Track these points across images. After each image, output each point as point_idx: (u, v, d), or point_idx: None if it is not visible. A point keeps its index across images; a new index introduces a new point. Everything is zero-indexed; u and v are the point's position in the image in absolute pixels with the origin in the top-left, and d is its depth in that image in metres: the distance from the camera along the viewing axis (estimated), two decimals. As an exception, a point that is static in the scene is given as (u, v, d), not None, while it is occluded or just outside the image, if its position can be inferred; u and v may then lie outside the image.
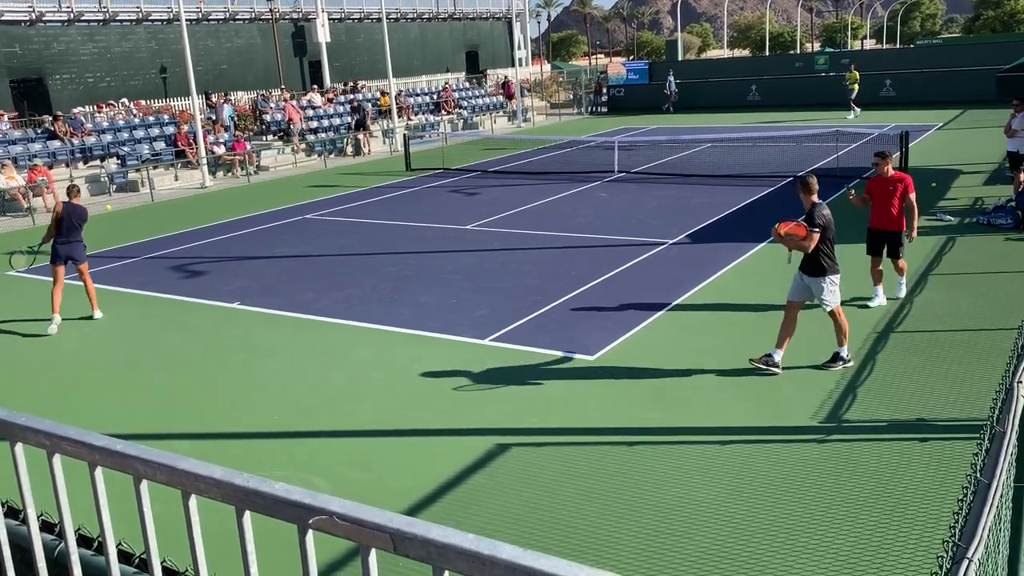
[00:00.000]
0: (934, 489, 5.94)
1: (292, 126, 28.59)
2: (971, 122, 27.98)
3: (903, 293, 10.33)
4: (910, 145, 18.68)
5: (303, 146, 28.45)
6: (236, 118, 29.01)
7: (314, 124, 30.07)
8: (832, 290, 8.24)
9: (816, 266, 8.17)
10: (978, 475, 2.56)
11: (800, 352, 8.79)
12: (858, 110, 31.83)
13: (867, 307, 10.03)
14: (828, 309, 8.23)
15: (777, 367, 8.16)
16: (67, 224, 10.95)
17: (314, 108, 31.36)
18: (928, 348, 8.65)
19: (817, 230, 7.98)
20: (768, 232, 8.65)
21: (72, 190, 11.36)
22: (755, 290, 11.00)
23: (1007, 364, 3.51)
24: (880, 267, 10.12)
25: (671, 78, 38.90)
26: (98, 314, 11.40)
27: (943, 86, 34.33)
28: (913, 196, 9.97)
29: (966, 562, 2.05)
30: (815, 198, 8.14)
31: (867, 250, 10.27)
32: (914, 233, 10.08)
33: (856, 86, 31.67)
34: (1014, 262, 11.66)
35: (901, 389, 7.69)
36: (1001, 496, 2.69)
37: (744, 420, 7.27)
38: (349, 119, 30.71)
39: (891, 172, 10.03)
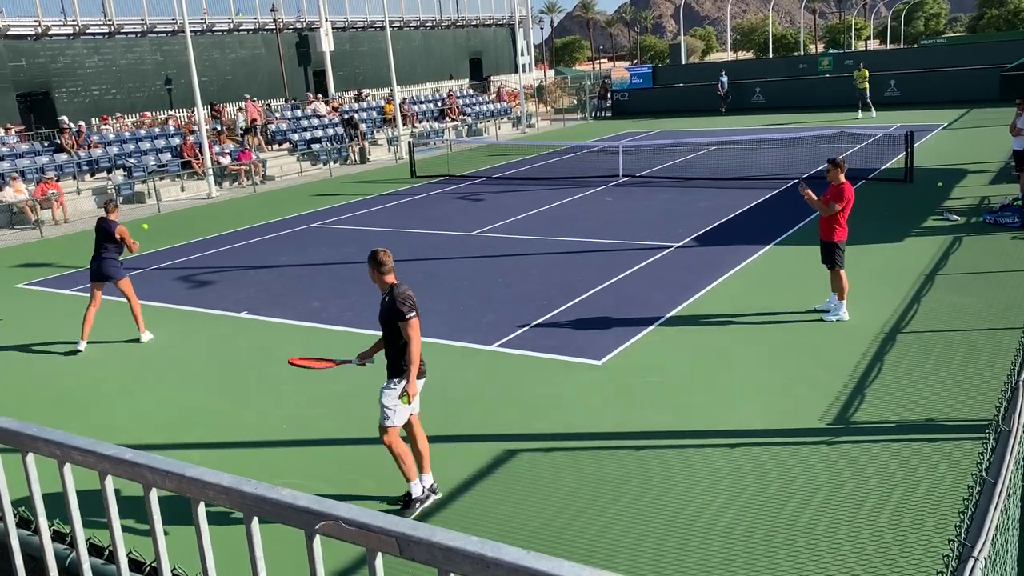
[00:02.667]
0: (944, 489, 5.93)
1: (255, 124, 28.70)
2: (976, 121, 27.92)
3: (839, 317, 9.62)
4: (915, 145, 18.64)
5: (270, 147, 28.69)
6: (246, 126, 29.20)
7: (319, 133, 30.17)
8: (398, 399, 6.04)
9: (395, 362, 6.13)
10: (984, 474, 2.57)
11: (804, 356, 8.78)
12: (863, 113, 31.68)
13: (822, 321, 9.62)
14: (384, 423, 6.01)
15: (424, 499, 6.25)
16: (96, 239, 10.84)
17: (319, 117, 31.47)
18: (936, 348, 8.63)
19: (414, 314, 5.99)
20: None
21: (107, 205, 10.98)
22: (761, 292, 10.99)
23: (1013, 363, 3.51)
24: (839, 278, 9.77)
25: (724, 78, 38.24)
26: (145, 336, 10.84)
27: (948, 86, 34.28)
28: (837, 206, 9.37)
29: (972, 561, 2.05)
30: (392, 277, 6.17)
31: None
32: (806, 190, 9.65)
33: (866, 84, 31.50)
34: (1021, 261, 11.62)
35: (909, 390, 7.67)
36: (1008, 495, 2.69)
37: (753, 423, 7.26)
38: (340, 130, 30.57)
39: (841, 180, 9.46)
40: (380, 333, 6.27)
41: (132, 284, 11.03)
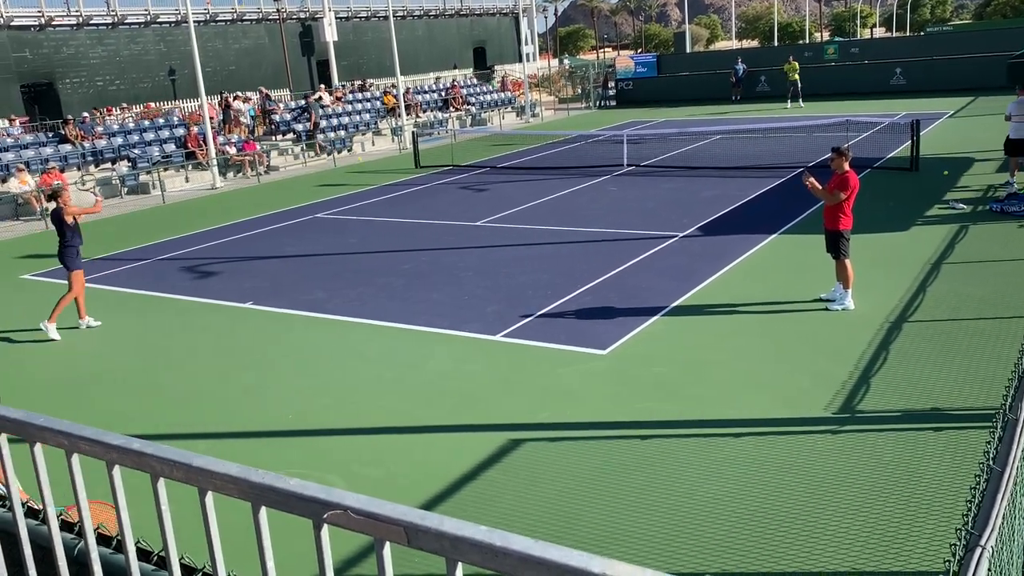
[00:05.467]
0: (949, 478, 5.93)
1: (212, 120, 28.53)
2: (983, 109, 27.77)
3: (844, 306, 9.58)
4: (921, 133, 18.55)
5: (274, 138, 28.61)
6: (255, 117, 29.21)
7: (323, 124, 30.14)
8: None
9: None
10: (991, 463, 2.56)
11: (809, 345, 8.77)
12: (792, 103, 32.38)
13: (827, 310, 9.60)
14: None
15: None
16: (56, 229, 10.79)
17: (323, 107, 31.42)
18: (941, 337, 8.61)
19: None
20: None
21: (54, 192, 10.84)
22: (766, 282, 10.97)
23: (1020, 351, 3.50)
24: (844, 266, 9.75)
25: (739, 65, 37.71)
26: (51, 330, 10.58)
27: (954, 73, 34.08)
28: (842, 195, 9.34)
29: (979, 550, 2.05)
30: None
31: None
32: (810, 179, 9.65)
33: (796, 76, 32.60)
34: (1028, 249, 11.58)
35: (915, 378, 7.66)
36: (1015, 483, 2.69)
37: (757, 412, 7.26)
38: (300, 125, 29.36)
39: (845, 169, 9.43)
40: (382, 323, 6.24)
41: (84, 280, 10.89)
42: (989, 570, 2.14)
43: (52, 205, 10.84)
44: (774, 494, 5.92)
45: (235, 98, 29.60)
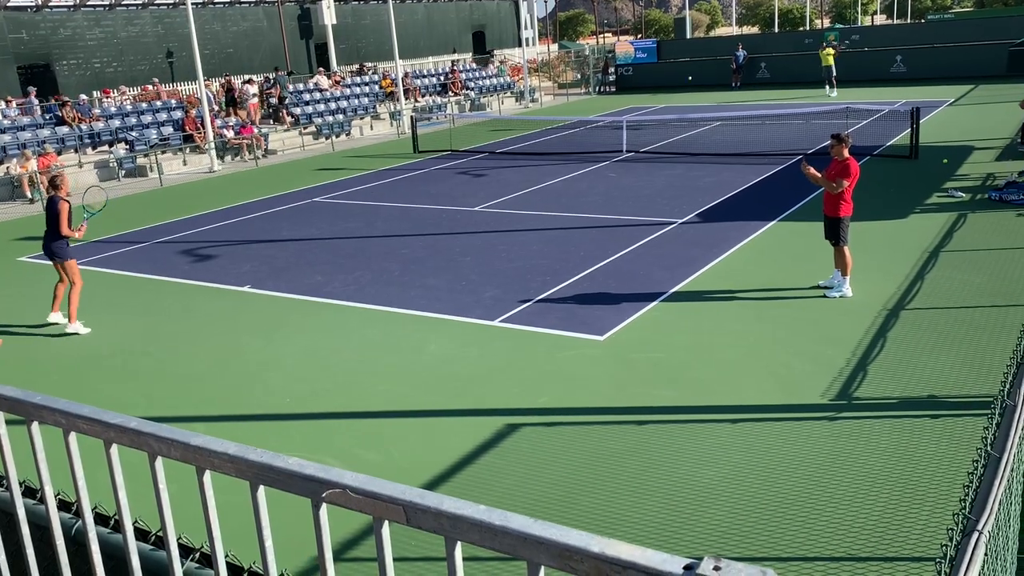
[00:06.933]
0: (946, 465, 5.95)
1: (187, 108, 28.27)
2: (983, 97, 27.69)
3: (842, 293, 9.59)
4: (921, 121, 18.51)
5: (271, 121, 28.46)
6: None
7: (321, 107, 30.03)
8: None
9: None
10: (989, 449, 2.57)
11: (807, 332, 8.78)
12: (828, 89, 31.29)
13: (825, 297, 9.60)
14: None
15: None
16: (46, 217, 10.35)
17: (321, 91, 31.30)
18: (939, 325, 8.62)
19: None
20: None
21: (53, 180, 10.44)
22: (764, 268, 10.97)
23: (1018, 339, 3.51)
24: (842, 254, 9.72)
25: (740, 52, 37.32)
26: (72, 327, 10.24)
27: (955, 61, 33.94)
28: (844, 183, 9.30)
29: (976, 534, 2.06)
30: None
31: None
32: (808, 168, 9.63)
33: (831, 62, 31.33)
34: (1026, 238, 11.58)
35: (912, 366, 7.67)
36: (1012, 469, 2.69)
37: (755, 399, 7.27)
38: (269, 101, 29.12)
39: (845, 156, 9.41)
40: (380, 308, 6.25)
41: (79, 268, 10.53)
42: (985, 555, 2.14)
43: (56, 192, 10.53)
44: (771, 479, 5.94)
45: (244, 82, 29.47)
